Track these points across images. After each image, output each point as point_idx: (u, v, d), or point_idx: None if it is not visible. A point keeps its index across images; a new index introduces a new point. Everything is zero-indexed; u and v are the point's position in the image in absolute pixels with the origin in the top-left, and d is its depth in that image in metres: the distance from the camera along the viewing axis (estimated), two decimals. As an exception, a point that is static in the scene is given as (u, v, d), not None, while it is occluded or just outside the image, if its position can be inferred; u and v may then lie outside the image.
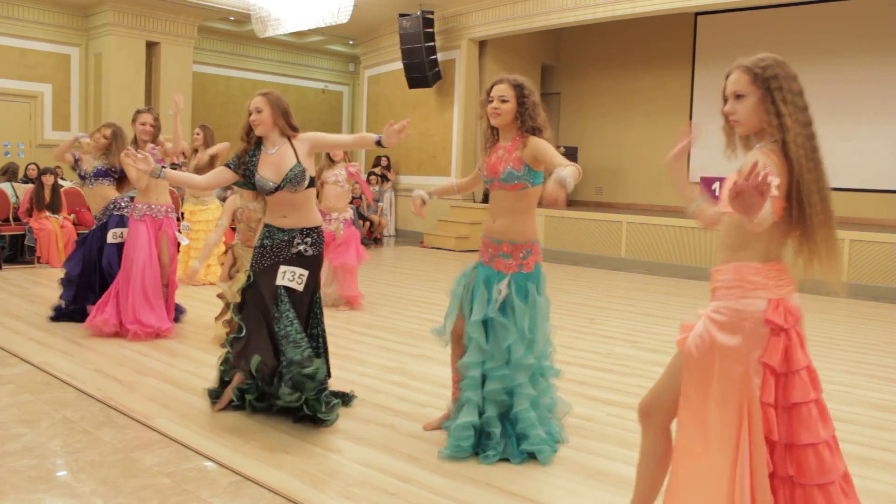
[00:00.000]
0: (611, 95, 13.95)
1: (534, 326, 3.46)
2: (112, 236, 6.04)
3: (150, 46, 13.48)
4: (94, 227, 6.22)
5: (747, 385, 2.11)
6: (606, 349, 5.75)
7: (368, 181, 12.85)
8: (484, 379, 3.48)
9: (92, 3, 12.89)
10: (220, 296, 5.61)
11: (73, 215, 9.88)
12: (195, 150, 8.23)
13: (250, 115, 3.88)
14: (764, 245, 2.16)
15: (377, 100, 15.03)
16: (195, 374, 4.71)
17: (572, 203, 13.22)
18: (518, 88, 3.49)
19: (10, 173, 10.87)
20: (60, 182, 10.06)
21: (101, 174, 6.13)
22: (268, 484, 3.10)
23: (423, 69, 12.82)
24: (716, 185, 10.55)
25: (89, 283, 6.11)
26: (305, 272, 3.87)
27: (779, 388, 2.13)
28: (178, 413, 3.96)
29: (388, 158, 14.30)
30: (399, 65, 13.40)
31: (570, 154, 13.32)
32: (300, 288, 3.85)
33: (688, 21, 12.81)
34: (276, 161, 3.87)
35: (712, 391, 2.16)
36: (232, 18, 14.60)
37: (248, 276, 3.96)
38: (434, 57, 12.86)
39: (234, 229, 5.72)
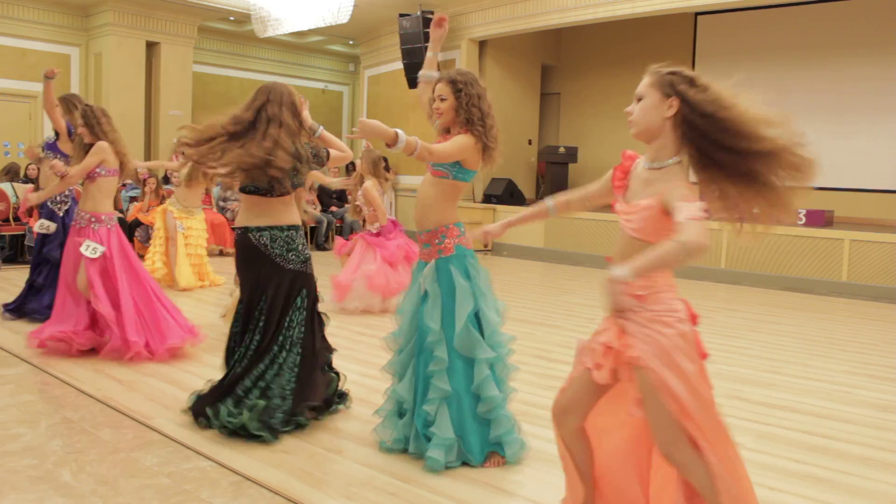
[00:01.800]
0: (611, 95, 13.93)
1: (448, 314, 3.31)
2: (39, 227, 5.90)
3: (151, 46, 13.48)
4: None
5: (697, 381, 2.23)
6: (606, 349, 5.74)
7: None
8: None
9: (92, 3, 12.88)
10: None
11: (73, 215, 9.88)
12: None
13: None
14: None
15: (377, 100, 15.02)
16: (195, 375, 4.71)
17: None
18: (453, 84, 3.41)
19: (11, 173, 10.88)
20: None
21: (50, 147, 6.01)
22: (268, 484, 3.10)
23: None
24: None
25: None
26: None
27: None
28: (179, 413, 3.95)
29: (385, 160, 14.28)
30: (399, 65, 13.40)
31: (571, 154, 13.33)
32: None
33: (688, 21, 12.82)
34: None
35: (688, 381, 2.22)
36: (232, 18, 14.59)
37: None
38: (434, 57, 12.86)
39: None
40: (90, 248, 4.98)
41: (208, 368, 4.86)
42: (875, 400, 4.58)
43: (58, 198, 6.03)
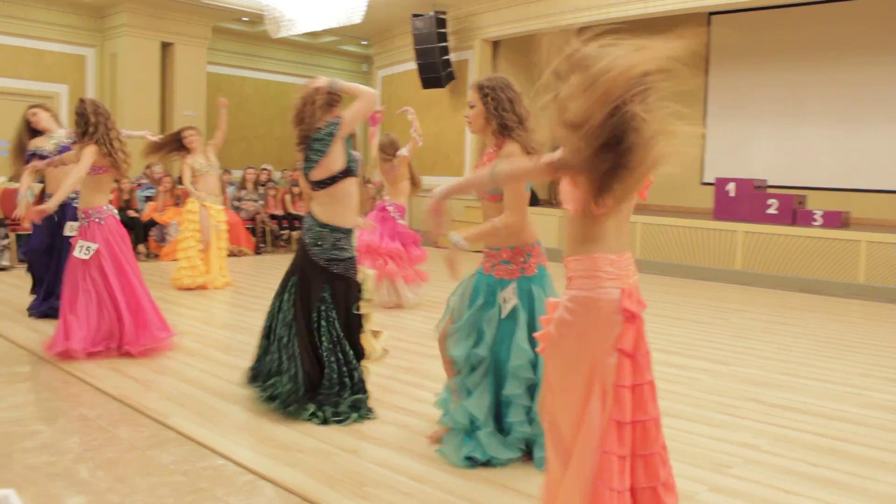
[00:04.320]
0: (624, 96, 13.88)
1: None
2: (69, 229, 5.80)
3: (165, 47, 13.55)
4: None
5: (600, 368, 2.22)
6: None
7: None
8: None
9: (107, 4, 12.97)
10: None
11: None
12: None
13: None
14: (610, 237, 2.26)
15: (390, 100, 15.03)
16: (211, 374, 4.74)
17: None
18: (480, 90, 3.37)
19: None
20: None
21: (65, 151, 5.93)
22: (283, 483, 3.12)
23: (436, 69, 12.82)
24: (730, 186, 10.53)
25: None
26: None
27: (631, 371, 2.25)
28: (194, 412, 3.99)
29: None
30: (412, 65, 13.41)
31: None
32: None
33: (702, 20, 12.76)
34: None
35: (569, 372, 2.27)
36: (245, 19, 14.64)
37: None
38: (447, 57, 12.87)
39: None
40: (83, 250, 5.02)
41: (224, 368, 4.89)
42: (890, 402, 4.55)
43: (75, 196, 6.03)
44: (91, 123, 5.05)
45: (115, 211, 5.30)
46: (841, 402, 4.53)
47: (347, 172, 4.01)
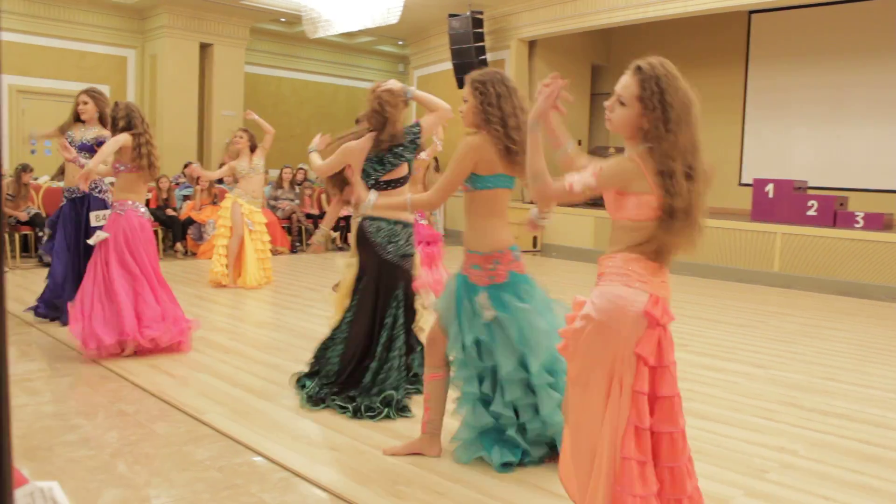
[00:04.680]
0: (662, 95, 13.75)
1: (521, 336, 3.21)
2: (95, 219, 5.81)
3: (204, 48, 13.73)
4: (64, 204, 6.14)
5: (619, 368, 2.24)
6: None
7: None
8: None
9: (147, 6, 13.17)
10: None
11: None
12: (235, 154, 8.28)
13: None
14: (650, 244, 2.27)
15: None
16: (246, 371, 4.79)
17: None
18: (472, 84, 3.37)
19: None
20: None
21: (85, 148, 5.96)
22: (317, 480, 3.13)
23: (472, 69, 12.79)
24: (769, 188, 10.36)
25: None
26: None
27: (652, 379, 2.25)
28: (230, 409, 4.03)
29: (436, 159, 14.32)
30: (448, 65, 13.42)
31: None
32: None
33: (741, 19, 12.59)
34: None
35: (591, 368, 2.28)
36: (283, 20, 14.78)
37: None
38: (483, 57, 12.85)
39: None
40: (93, 237, 5.16)
41: (258, 365, 4.93)
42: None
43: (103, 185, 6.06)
44: (121, 117, 5.15)
45: (143, 209, 5.30)
46: (883, 408, 4.43)
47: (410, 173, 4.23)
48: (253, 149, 8.12)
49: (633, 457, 2.19)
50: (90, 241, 5.17)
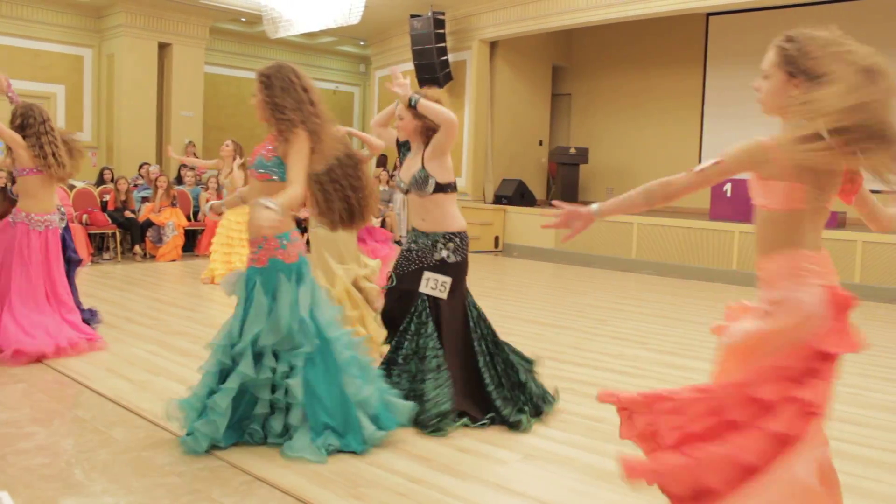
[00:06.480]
0: (622, 96, 13.91)
1: (243, 325, 3.57)
2: None
3: (163, 48, 13.54)
4: None
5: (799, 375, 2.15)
6: (617, 350, 5.73)
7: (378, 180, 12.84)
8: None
9: (104, 4, 12.96)
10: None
11: (85, 216, 9.94)
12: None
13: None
14: (808, 235, 2.21)
15: (388, 100, 15.01)
16: (206, 374, 4.72)
17: (584, 203, 13.19)
18: (259, 78, 3.49)
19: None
20: (73, 183, 10.12)
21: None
22: (278, 484, 3.11)
23: (434, 70, 12.82)
24: (727, 187, 10.52)
25: None
26: (448, 279, 3.89)
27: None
28: (190, 413, 3.97)
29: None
30: (410, 66, 13.40)
31: (581, 154, 13.31)
32: (442, 296, 3.88)
33: (699, 21, 12.77)
34: (409, 164, 4.12)
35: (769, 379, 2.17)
36: (243, 20, 14.65)
37: (391, 279, 4.08)
38: (445, 58, 12.86)
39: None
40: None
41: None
42: (889, 403, 4.55)
43: None
44: (17, 116, 5.02)
45: (50, 215, 5.13)
46: (840, 402, 4.50)
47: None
48: (240, 157, 8.56)
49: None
50: None
